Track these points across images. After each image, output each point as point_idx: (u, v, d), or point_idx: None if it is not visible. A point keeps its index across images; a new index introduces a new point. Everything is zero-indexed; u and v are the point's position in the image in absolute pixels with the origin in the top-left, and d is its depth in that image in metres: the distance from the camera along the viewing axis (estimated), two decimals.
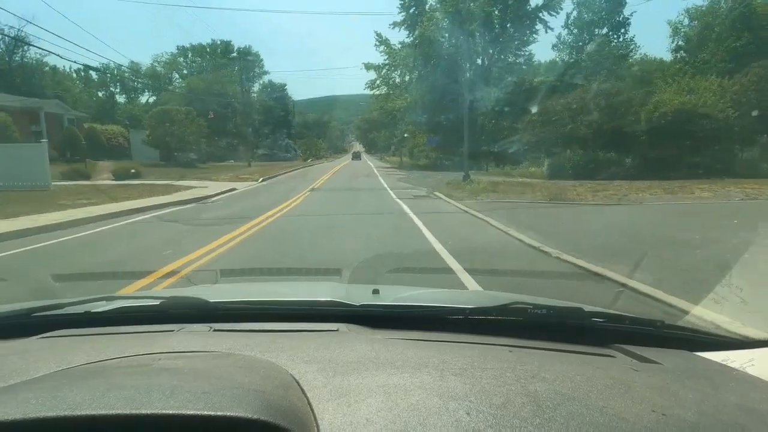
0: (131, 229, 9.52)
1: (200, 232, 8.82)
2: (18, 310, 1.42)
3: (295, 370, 0.88)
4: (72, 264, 6.42)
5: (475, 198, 13.89)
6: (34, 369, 0.92)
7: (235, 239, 7.52)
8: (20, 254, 6.99)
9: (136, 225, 10.07)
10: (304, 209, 12.39)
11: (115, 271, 5.67)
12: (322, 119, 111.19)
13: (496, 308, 1.31)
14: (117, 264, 6.21)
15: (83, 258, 6.80)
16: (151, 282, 4.89)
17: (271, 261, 6.23)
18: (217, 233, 7.94)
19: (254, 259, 6.27)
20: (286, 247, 7.19)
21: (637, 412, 0.75)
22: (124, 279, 5.09)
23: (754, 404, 0.86)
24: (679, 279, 4.66)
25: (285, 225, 9.52)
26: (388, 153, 78.41)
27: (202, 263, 5.85)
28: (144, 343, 1.12)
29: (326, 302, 1.45)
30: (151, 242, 8.01)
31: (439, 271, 5.39)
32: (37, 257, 6.84)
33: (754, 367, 1.08)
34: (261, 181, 24.66)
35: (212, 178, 24.49)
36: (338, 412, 0.74)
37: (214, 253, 6.47)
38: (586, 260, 5.56)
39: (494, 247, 7.04)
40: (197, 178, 24.66)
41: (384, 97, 40.69)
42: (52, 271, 5.57)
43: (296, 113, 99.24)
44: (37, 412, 0.64)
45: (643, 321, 1.26)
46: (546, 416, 0.72)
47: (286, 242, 7.57)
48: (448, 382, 0.85)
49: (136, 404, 0.66)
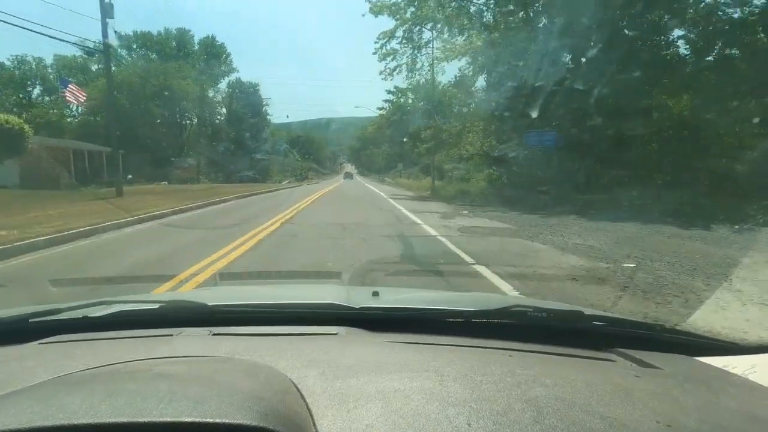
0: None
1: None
2: (16, 315, 1.40)
3: (294, 375, 0.87)
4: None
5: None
6: (33, 375, 0.92)
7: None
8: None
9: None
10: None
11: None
12: (311, 135, 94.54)
13: (496, 311, 1.29)
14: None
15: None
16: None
17: None
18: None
19: None
20: None
21: (637, 418, 0.75)
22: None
23: (755, 411, 0.85)
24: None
25: None
26: (391, 174, 60.11)
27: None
28: (143, 347, 1.12)
29: (326, 305, 1.43)
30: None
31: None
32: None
33: (756, 373, 1.06)
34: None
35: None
36: (337, 418, 0.73)
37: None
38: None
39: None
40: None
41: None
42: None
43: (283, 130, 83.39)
44: (34, 422, 0.64)
45: (644, 325, 1.30)
46: (547, 423, 0.71)
47: None
48: (448, 388, 0.84)
49: (134, 412, 0.65)
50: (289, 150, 73.69)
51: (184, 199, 15.84)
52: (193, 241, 8.02)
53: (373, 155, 72.29)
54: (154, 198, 16.67)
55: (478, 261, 5.80)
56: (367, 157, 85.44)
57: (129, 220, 10.20)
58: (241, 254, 6.34)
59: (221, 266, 5.49)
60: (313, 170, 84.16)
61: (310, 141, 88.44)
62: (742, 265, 4.69)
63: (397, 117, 58.88)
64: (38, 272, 5.66)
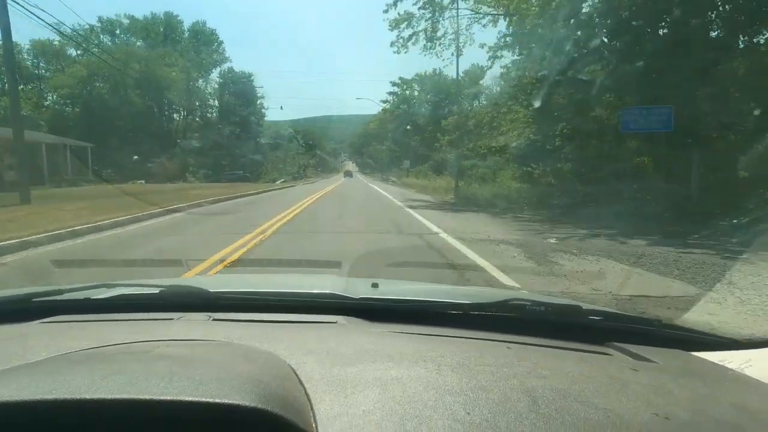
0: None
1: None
2: (18, 295, 1.43)
3: (293, 361, 0.87)
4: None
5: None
6: (34, 353, 0.92)
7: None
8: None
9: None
10: None
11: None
12: (310, 131, 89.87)
13: (495, 304, 1.30)
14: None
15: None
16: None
17: None
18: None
19: None
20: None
21: (632, 409, 0.75)
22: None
23: (749, 404, 0.85)
24: None
25: None
26: (394, 172, 55.17)
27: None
28: (144, 330, 1.12)
29: (325, 294, 1.44)
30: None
31: None
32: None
33: (752, 367, 1.05)
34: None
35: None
36: (335, 403, 0.73)
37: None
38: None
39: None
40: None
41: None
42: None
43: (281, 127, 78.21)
44: (35, 395, 0.64)
45: (641, 320, 1.27)
46: (542, 412, 0.71)
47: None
48: (445, 377, 0.84)
49: (135, 389, 0.65)
50: (294, 137, 68.60)
51: (114, 210, 10.80)
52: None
53: (377, 152, 67.32)
54: (69, 208, 11.55)
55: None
56: (369, 154, 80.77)
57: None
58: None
59: None
60: (312, 167, 79.36)
61: (309, 137, 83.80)
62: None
63: (403, 109, 53.77)
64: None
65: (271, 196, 22.12)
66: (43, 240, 7.26)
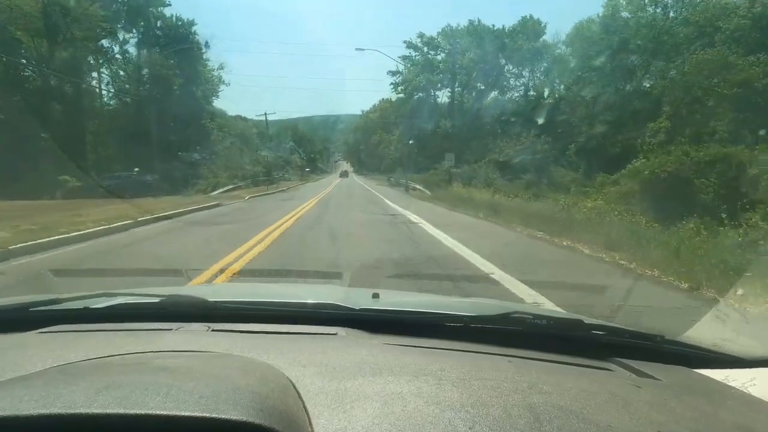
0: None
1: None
2: (16, 304, 1.41)
3: (292, 374, 0.86)
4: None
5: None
6: (32, 364, 0.90)
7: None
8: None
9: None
10: None
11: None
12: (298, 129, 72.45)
13: (495, 317, 1.27)
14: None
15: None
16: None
17: None
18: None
19: None
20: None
21: (634, 428, 0.74)
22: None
23: (753, 425, 0.83)
24: None
25: None
26: (408, 174, 35.84)
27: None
28: (142, 340, 1.11)
29: (326, 305, 1.41)
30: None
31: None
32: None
33: (756, 386, 1.03)
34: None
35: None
36: (334, 418, 0.72)
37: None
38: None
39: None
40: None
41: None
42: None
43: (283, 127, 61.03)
44: (30, 410, 0.63)
45: (643, 335, 1.24)
46: (544, 430, 0.71)
47: None
48: (445, 392, 0.83)
49: (131, 404, 0.65)
50: (268, 136, 50.26)
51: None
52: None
53: (384, 141, 48.93)
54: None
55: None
56: (369, 151, 62.48)
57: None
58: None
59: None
60: (300, 168, 61.05)
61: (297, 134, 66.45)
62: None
63: (421, 79, 35.42)
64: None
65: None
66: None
